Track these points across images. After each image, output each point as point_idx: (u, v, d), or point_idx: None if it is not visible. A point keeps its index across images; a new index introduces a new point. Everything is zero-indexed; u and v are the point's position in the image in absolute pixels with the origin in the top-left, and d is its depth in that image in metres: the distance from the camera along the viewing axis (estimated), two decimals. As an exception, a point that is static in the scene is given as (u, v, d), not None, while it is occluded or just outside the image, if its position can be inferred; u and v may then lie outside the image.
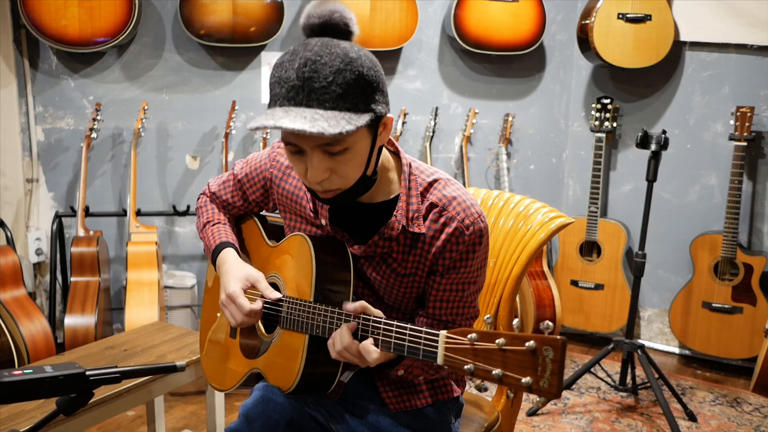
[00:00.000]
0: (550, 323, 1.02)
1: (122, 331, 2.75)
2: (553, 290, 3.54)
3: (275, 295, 1.41)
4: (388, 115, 1.30)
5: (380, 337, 1.24)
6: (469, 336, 1.06)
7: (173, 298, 3.36)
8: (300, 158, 1.28)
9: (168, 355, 2.13)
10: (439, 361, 1.12)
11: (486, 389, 1.07)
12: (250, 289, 1.44)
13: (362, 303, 1.28)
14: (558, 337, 0.97)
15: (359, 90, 1.22)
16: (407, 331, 1.20)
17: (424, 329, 1.17)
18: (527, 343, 0.99)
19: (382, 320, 1.24)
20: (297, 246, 1.43)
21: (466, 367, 1.06)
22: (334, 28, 1.26)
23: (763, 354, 3.00)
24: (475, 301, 1.44)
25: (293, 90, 1.20)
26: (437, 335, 1.14)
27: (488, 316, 1.08)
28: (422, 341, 1.17)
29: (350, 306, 1.29)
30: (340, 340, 1.28)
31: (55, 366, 1.12)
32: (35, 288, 3.57)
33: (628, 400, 3.11)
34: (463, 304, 1.42)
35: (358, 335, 1.27)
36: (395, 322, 1.22)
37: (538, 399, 1.00)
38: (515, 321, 1.10)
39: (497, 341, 1.02)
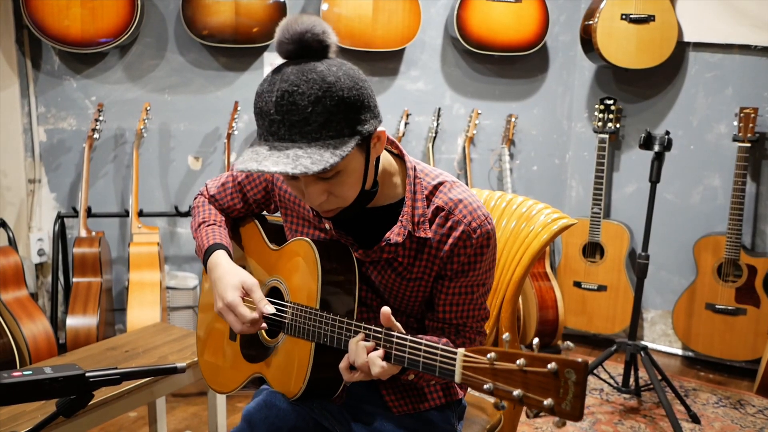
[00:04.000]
0: (571, 344, 1.00)
1: (124, 332, 2.75)
2: (556, 292, 3.53)
3: (268, 309, 1.38)
4: (379, 129, 1.26)
5: (393, 352, 1.20)
6: (488, 356, 1.04)
7: (175, 299, 3.36)
8: (295, 183, 1.27)
9: (170, 356, 2.13)
10: (457, 379, 1.09)
11: (504, 407, 1.04)
12: (246, 298, 1.41)
13: (387, 315, 1.22)
14: (580, 360, 0.95)
15: (341, 115, 1.18)
16: (422, 347, 1.16)
17: (440, 346, 1.13)
18: (549, 365, 0.96)
19: (395, 334, 1.21)
20: (301, 251, 1.41)
21: (485, 386, 1.03)
22: (308, 49, 1.22)
23: (766, 356, 2.99)
24: (485, 302, 1.43)
25: (274, 124, 1.19)
26: (455, 353, 1.10)
27: (507, 334, 1.06)
28: (438, 358, 1.13)
29: (382, 317, 1.22)
30: (356, 359, 1.24)
31: (55, 367, 1.12)
32: (37, 289, 3.57)
33: (631, 401, 3.10)
34: (474, 307, 1.40)
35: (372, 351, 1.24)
36: (409, 337, 1.19)
37: (558, 420, 0.98)
38: (505, 335, 1.08)
39: (518, 362, 1.00)
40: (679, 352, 3.69)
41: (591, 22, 3.39)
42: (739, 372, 3.45)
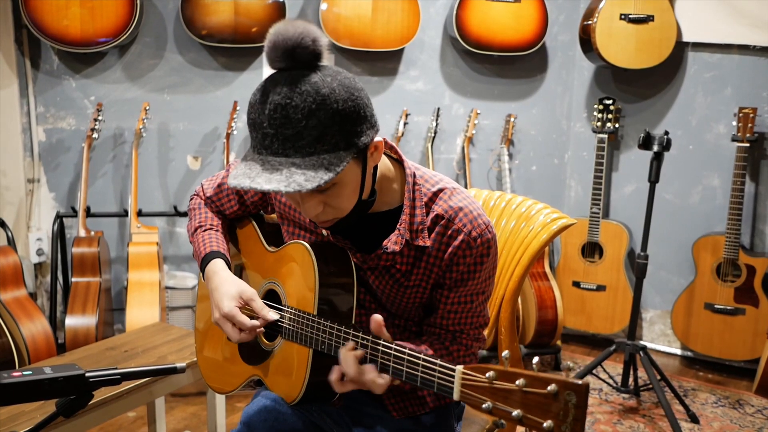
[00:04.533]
0: (572, 364, 1.00)
1: (123, 332, 2.75)
2: (555, 291, 3.53)
3: (272, 316, 1.36)
4: (377, 139, 1.24)
5: (390, 365, 1.18)
6: (487, 374, 1.02)
7: (174, 298, 3.36)
8: (291, 194, 1.26)
9: (169, 356, 2.13)
10: (456, 397, 1.08)
11: (503, 426, 1.03)
12: (245, 307, 1.40)
13: (378, 323, 1.21)
14: (581, 382, 0.94)
15: (336, 128, 1.15)
16: (420, 362, 1.14)
17: (438, 361, 1.11)
18: (549, 387, 0.95)
19: (393, 347, 1.18)
20: (298, 255, 1.39)
21: (484, 405, 1.02)
22: (299, 62, 1.18)
23: (765, 356, 2.99)
24: (485, 309, 1.41)
25: (267, 138, 1.16)
26: (453, 370, 1.08)
27: (506, 351, 1.05)
28: (437, 375, 1.11)
29: (372, 325, 1.21)
30: (347, 369, 1.22)
31: (55, 367, 1.12)
32: (36, 288, 3.57)
33: (630, 401, 3.10)
34: (472, 314, 1.39)
35: (366, 362, 1.22)
36: (407, 350, 1.17)
37: None
38: (504, 353, 1.06)
39: (517, 382, 0.99)
40: (678, 351, 3.69)
41: (590, 22, 3.39)
42: (737, 372, 3.46)
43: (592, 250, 3.65)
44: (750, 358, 3.33)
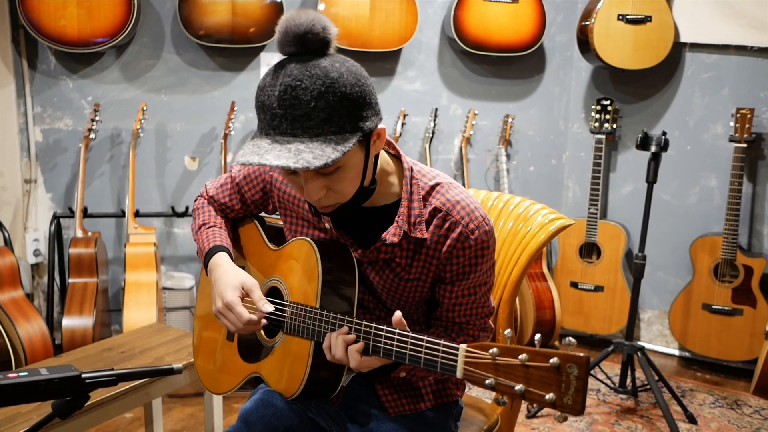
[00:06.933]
0: (572, 339, 1.01)
1: (120, 333, 2.74)
2: (553, 292, 3.53)
3: (267, 308, 1.38)
4: (380, 126, 1.27)
5: (394, 348, 1.21)
6: (490, 351, 1.04)
7: (171, 299, 3.35)
8: (294, 178, 1.28)
9: (166, 357, 2.12)
10: (459, 375, 1.10)
11: (505, 403, 1.05)
12: (246, 298, 1.42)
13: (398, 317, 1.24)
14: (582, 354, 0.96)
15: (344, 111, 1.19)
16: (423, 343, 1.16)
17: (441, 342, 1.14)
18: (551, 360, 0.97)
19: (396, 331, 1.21)
20: (302, 251, 1.41)
21: (487, 381, 1.04)
22: (310, 48, 1.22)
23: (763, 356, 2.99)
24: (489, 300, 1.44)
25: (276, 119, 1.19)
26: (456, 348, 1.11)
27: (508, 330, 1.07)
28: (440, 354, 1.13)
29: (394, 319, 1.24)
30: (334, 349, 1.27)
31: (51, 369, 1.11)
32: (33, 289, 3.56)
33: (627, 402, 3.10)
34: (477, 305, 1.41)
35: (370, 348, 1.25)
36: (410, 333, 1.19)
37: (559, 414, 0.99)
38: (507, 331, 1.09)
39: (520, 357, 1.01)
40: (676, 352, 3.70)
41: (588, 23, 3.39)
42: (735, 372, 3.46)
43: (590, 250, 3.65)
44: (748, 359, 3.33)
